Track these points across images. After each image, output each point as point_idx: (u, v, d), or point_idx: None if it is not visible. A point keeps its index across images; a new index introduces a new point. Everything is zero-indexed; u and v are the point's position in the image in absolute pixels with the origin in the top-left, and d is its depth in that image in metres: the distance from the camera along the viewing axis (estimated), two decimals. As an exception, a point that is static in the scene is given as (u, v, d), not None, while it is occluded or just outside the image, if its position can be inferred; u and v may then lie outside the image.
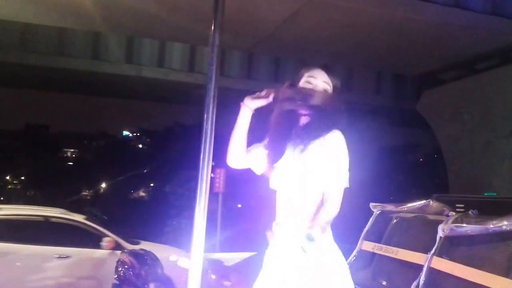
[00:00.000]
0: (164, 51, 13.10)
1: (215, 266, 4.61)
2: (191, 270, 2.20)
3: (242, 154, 2.19)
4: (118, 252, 5.75)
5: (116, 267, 4.72)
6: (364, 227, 3.79)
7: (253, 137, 2.20)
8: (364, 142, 18.41)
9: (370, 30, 11.21)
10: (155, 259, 4.97)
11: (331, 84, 2.14)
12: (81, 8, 10.46)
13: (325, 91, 2.11)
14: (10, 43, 11.90)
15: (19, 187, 32.56)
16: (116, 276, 4.67)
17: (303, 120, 2.11)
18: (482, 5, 10.62)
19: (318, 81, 2.12)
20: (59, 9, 10.76)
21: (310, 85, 2.11)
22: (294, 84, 2.15)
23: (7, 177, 32.06)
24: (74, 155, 38.79)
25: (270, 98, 2.14)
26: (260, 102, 2.15)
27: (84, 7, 10.39)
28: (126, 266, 4.58)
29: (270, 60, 13.96)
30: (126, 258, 4.69)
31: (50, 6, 10.61)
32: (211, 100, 2.30)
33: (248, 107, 2.14)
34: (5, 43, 11.83)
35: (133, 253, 4.90)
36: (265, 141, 2.20)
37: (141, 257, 4.75)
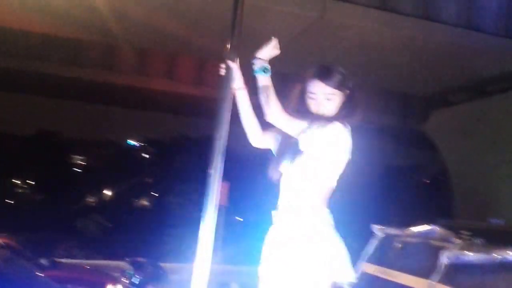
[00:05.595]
0: (175, 63, 13.20)
1: None
2: (194, 282, 2.15)
3: (257, 133, 2.26)
4: None
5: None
6: (366, 247, 3.74)
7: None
8: (370, 162, 18.31)
9: (379, 49, 11.19)
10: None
11: (335, 92, 2.15)
12: (95, 21, 10.66)
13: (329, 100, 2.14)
14: (28, 52, 12.14)
15: (28, 191, 32.70)
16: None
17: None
18: (494, 27, 10.56)
19: (319, 96, 2.14)
20: (75, 21, 10.99)
21: (313, 100, 2.15)
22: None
23: (17, 181, 32.20)
24: (83, 162, 38.94)
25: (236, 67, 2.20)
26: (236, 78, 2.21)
27: (99, 20, 10.58)
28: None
29: (278, 76, 13.96)
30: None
31: (67, 18, 10.85)
32: (224, 119, 2.21)
33: (236, 89, 2.21)
34: (23, 53, 12.08)
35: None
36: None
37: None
